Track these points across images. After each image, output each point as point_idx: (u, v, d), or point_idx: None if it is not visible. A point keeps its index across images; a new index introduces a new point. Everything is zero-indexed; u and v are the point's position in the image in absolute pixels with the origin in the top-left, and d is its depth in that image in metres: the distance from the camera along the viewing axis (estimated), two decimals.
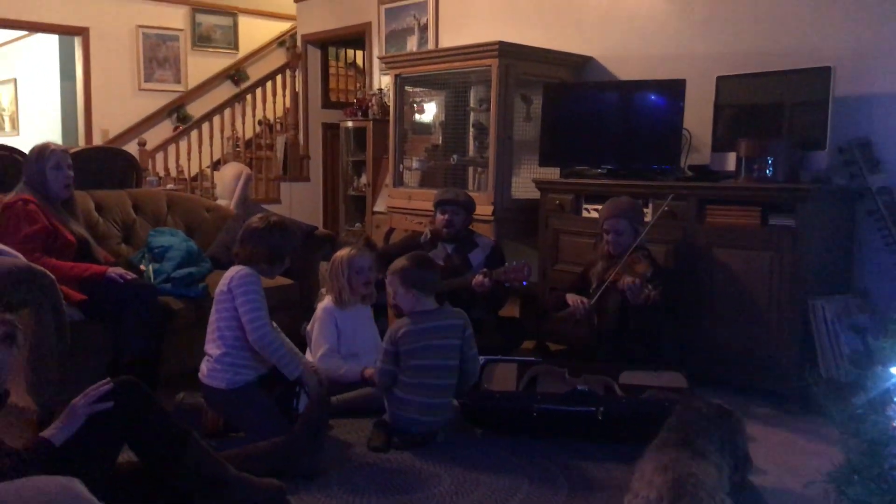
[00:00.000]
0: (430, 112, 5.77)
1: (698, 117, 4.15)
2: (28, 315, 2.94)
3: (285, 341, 3.09)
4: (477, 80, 4.98)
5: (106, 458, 2.16)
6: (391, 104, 5.52)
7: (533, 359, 3.55)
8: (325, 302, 3.41)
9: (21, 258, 3.07)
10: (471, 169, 5.18)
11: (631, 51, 4.73)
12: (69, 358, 3.08)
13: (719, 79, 4.05)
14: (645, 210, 3.94)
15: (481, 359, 3.39)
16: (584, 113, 4.49)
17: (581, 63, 4.92)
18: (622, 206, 3.72)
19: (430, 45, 6.02)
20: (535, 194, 4.54)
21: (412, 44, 6.26)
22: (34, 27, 8.08)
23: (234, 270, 2.96)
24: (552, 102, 4.55)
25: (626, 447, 2.77)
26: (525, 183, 4.75)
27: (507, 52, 4.54)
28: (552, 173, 4.65)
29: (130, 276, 3.36)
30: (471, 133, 5.22)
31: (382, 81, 6.63)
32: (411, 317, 2.98)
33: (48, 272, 3.00)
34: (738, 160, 3.75)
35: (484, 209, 4.48)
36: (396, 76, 5.33)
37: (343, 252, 3.43)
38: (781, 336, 3.48)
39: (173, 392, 3.16)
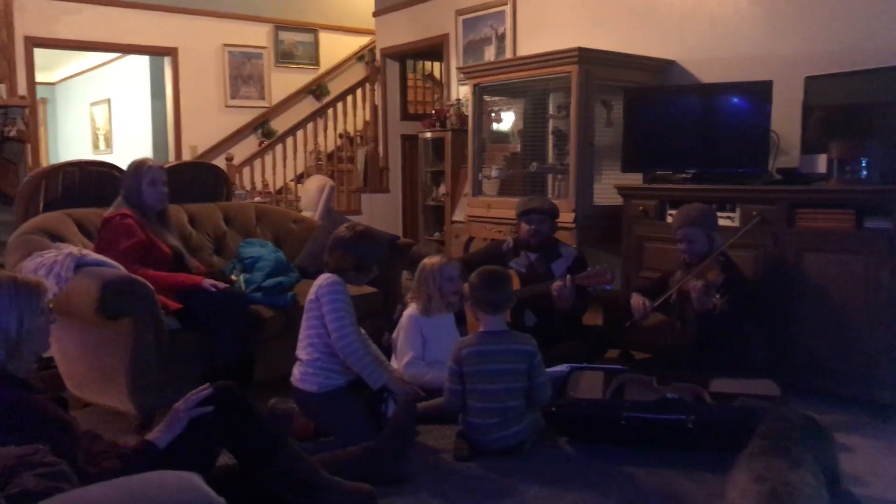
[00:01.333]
0: (508, 120, 5.78)
1: (786, 119, 4.04)
2: (128, 323, 3.08)
3: (372, 349, 3.14)
4: (556, 87, 4.98)
5: (205, 460, 2.23)
6: (470, 114, 5.56)
7: (620, 367, 3.50)
8: (410, 310, 3.45)
9: (122, 269, 3.22)
10: (550, 176, 5.16)
11: (714, 53, 4.65)
12: (166, 364, 3.20)
13: (808, 79, 3.94)
14: (732, 215, 3.86)
15: (565, 367, 3.38)
16: (666, 117, 4.43)
17: (662, 67, 4.86)
18: (693, 213, 3.65)
19: (508, 54, 6.04)
20: (618, 201, 4.50)
21: (490, 53, 6.30)
22: (126, 49, 8.45)
23: (323, 279, 3.02)
24: (634, 107, 4.50)
25: (717, 456, 2.71)
26: (606, 189, 4.71)
27: (587, 58, 4.52)
28: (635, 179, 4.60)
29: (223, 285, 3.47)
30: (550, 140, 5.21)
31: (460, 92, 6.69)
32: (478, 337, 2.98)
33: (147, 283, 3.14)
34: (830, 162, 3.63)
35: (565, 216, 4.46)
36: (475, 86, 5.37)
37: (432, 260, 3.46)
38: (878, 343, 3.35)
39: (265, 398, 3.24)
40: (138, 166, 3.57)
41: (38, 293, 2.04)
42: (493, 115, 5.72)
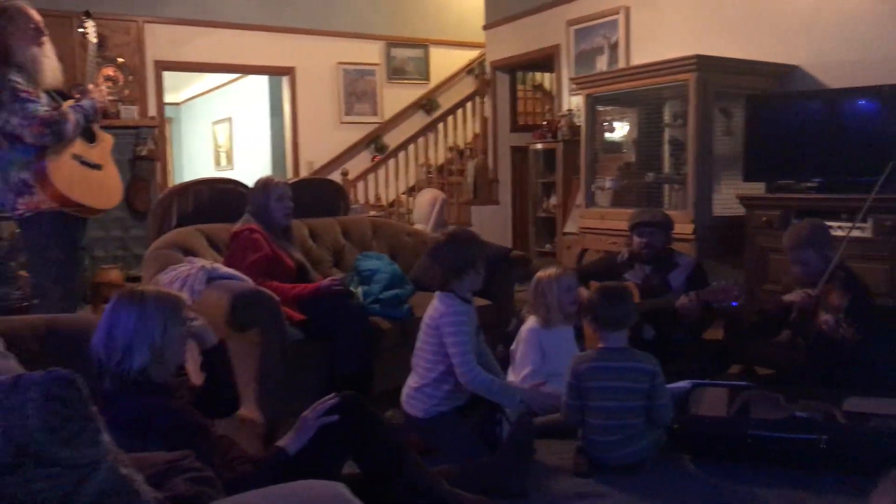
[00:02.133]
0: (621, 130, 5.71)
1: None
2: (256, 334, 3.20)
3: (492, 364, 3.15)
4: (671, 96, 4.88)
5: (331, 468, 2.29)
6: (582, 124, 5.52)
7: (745, 383, 3.38)
8: (530, 323, 3.44)
9: (249, 282, 3.36)
10: (666, 187, 5.06)
11: (840, 57, 4.45)
12: (291, 374, 3.31)
13: None
14: (863, 225, 3.67)
15: (687, 383, 3.29)
16: (790, 124, 4.28)
17: (785, 72, 4.69)
18: (804, 234, 3.48)
19: (621, 64, 5.97)
20: (739, 211, 4.36)
21: (602, 63, 6.24)
22: (247, 70, 8.82)
23: (441, 301, 2.99)
24: (756, 115, 4.36)
25: (851, 478, 2.58)
26: (726, 199, 4.58)
27: (705, 66, 4.41)
28: (757, 188, 4.45)
29: (340, 275, 3.56)
30: (666, 150, 5.11)
31: (572, 102, 6.65)
32: (598, 353, 2.93)
33: (273, 295, 3.26)
34: None
35: (683, 227, 4.36)
36: (588, 96, 5.33)
37: (548, 272, 3.44)
38: None
39: (382, 409, 3.30)
40: (266, 183, 3.72)
41: (179, 305, 2.15)
42: (605, 125, 5.66)
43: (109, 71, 7.28)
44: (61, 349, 2.43)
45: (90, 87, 3.65)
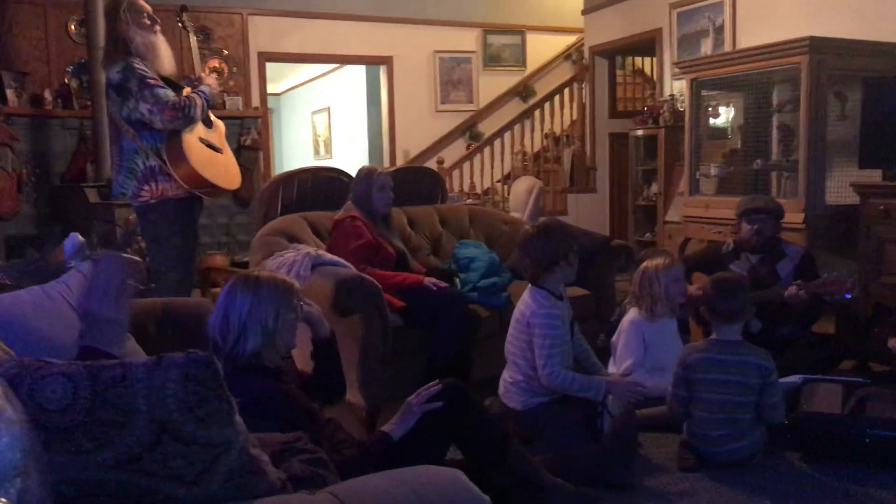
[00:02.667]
0: (726, 115, 5.53)
1: None
2: (358, 320, 3.26)
3: (589, 355, 3.12)
4: (781, 79, 4.69)
5: (434, 454, 2.31)
6: (686, 109, 5.37)
7: (861, 380, 3.23)
8: (632, 314, 3.38)
9: (352, 269, 3.42)
10: (774, 174, 4.87)
11: None
12: (392, 360, 3.36)
13: None
14: None
15: (798, 378, 3.17)
16: None
17: None
18: None
19: (727, 47, 5.77)
20: (853, 199, 4.16)
21: (706, 46, 6.05)
22: (346, 60, 8.96)
23: (533, 300, 2.96)
24: (874, 98, 4.14)
25: None
26: (839, 187, 4.37)
27: (819, 47, 4.21)
28: (873, 176, 4.23)
29: (443, 284, 3.59)
30: (774, 136, 4.92)
31: (674, 87, 6.48)
32: (709, 344, 2.85)
33: (375, 281, 3.31)
34: None
35: (793, 216, 4.19)
36: (692, 81, 5.18)
37: (654, 262, 3.36)
38: None
39: (481, 397, 3.31)
40: (369, 173, 3.77)
41: (291, 291, 2.21)
42: (709, 110, 5.49)
43: (215, 62, 7.52)
44: (176, 331, 2.54)
45: (202, 74, 3.77)
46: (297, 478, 1.38)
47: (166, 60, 3.59)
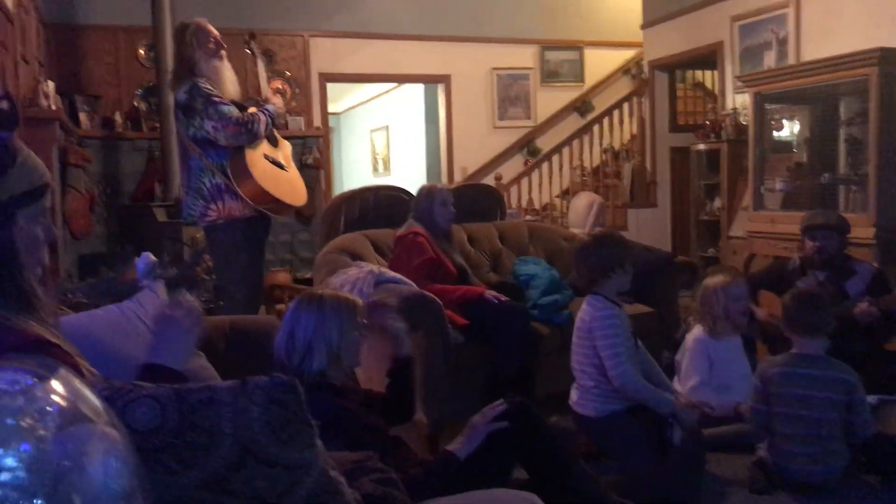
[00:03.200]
0: (791, 129, 5.42)
1: None
2: (420, 337, 3.27)
3: (655, 370, 3.07)
4: (849, 92, 4.58)
5: (500, 474, 2.30)
6: (749, 123, 5.28)
7: None
8: (696, 332, 3.32)
9: (414, 286, 3.44)
10: (843, 188, 4.75)
11: None
12: (454, 377, 3.36)
13: None
14: None
15: (873, 398, 3.07)
16: None
17: None
18: None
19: (791, 60, 5.66)
20: None
21: (769, 59, 5.94)
22: (404, 79, 9.06)
23: (590, 305, 2.96)
24: None
25: None
26: None
27: (890, 59, 4.11)
28: None
29: (504, 298, 3.58)
30: (842, 149, 4.80)
31: (736, 100, 6.38)
32: (789, 357, 2.78)
33: (437, 299, 3.32)
34: None
35: (863, 231, 4.08)
36: (755, 94, 5.09)
37: (716, 279, 3.31)
38: None
39: (546, 414, 3.29)
40: (430, 189, 3.81)
41: (355, 309, 2.23)
42: (773, 123, 5.39)
43: (278, 84, 7.67)
44: (244, 348, 2.58)
45: (269, 94, 3.85)
46: (370, 497, 1.39)
47: (230, 85, 3.67)
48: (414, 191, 4.12)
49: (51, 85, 5.03)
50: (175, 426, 0.85)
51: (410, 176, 9.90)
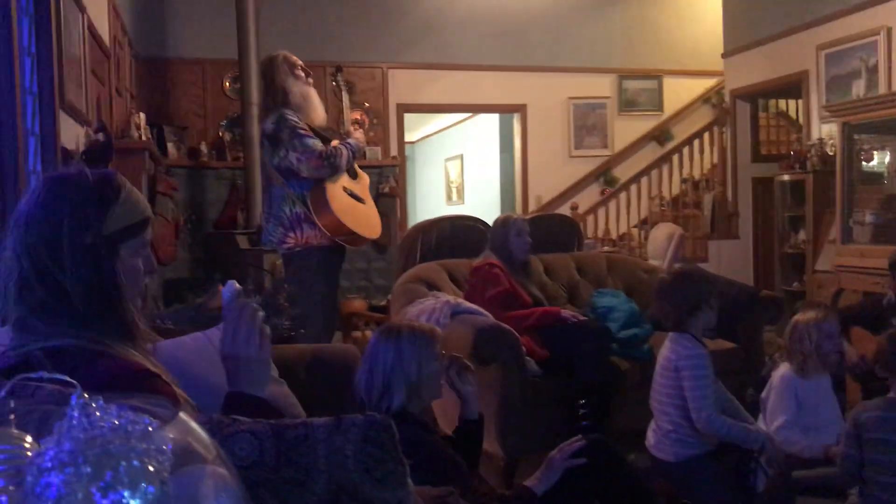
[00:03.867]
0: (881, 159, 5.23)
1: None
2: (497, 369, 3.26)
3: (735, 408, 2.98)
4: None
5: None
6: (837, 154, 5.12)
7: None
8: (784, 369, 3.21)
9: (490, 317, 3.43)
10: None
11: None
12: (530, 410, 3.33)
13: None
14: None
15: None
16: None
17: None
18: None
19: (882, 89, 5.48)
20: None
21: (858, 88, 5.76)
22: (481, 109, 9.13)
23: (676, 343, 2.88)
24: None
25: None
26: None
27: None
28: None
29: (581, 317, 3.54)
30: None
31: (822, 130, 6.20)
32: (885, 402, 2.65)
33: (513, 331, 3.30)
34: None
35: None
36: (844, 124, 4.94)
37: (807, 315, 3.18)
38: None
39: (622, 452, 3.21)
40: (505, 220, 3.81)
41: (433, 340, 2.23)
42: (862, 154, 5.22)
43: (356, 115, 7.81)
44: (325, 377, 2.60)
45: (351, 128, 3.94)
46: None
47: (319, 110, 3.79)
48: (489, 220, 4.13)
49: (142, 116, 5.25)
50: (272, 462, 0.86)
51: (484, 204, 9.92)
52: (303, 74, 3.76)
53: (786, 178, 6.53)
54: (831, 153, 5.83)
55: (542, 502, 2.20)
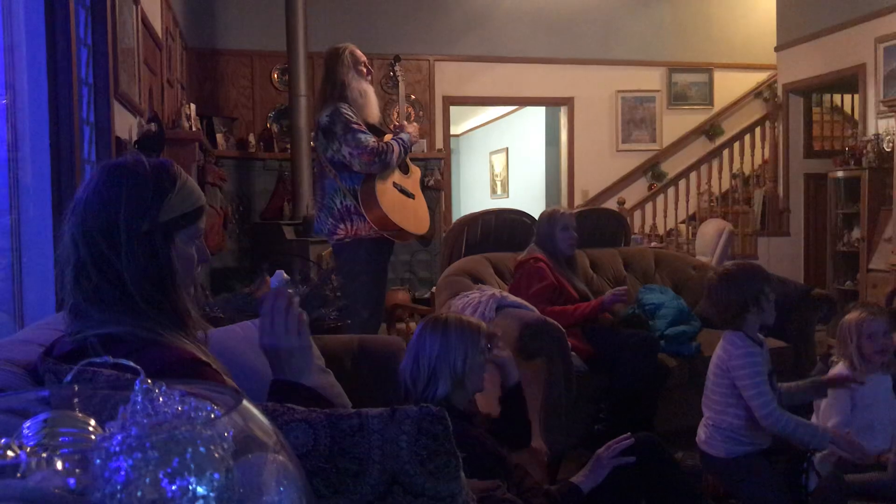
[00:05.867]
0: None
1: None
2: (542, 363, 3.24)
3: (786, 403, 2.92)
4: None
5: None
6: (895, 150, 4.97)
7: None
8: (838, 369, 3.13)
9: (535, 311, 3.41)
10: None
11: None
12: (575, 405, 3.30)
13: None
14: None
15: None
16: None
17: None
18: None
19: None
20: None
21: None
22: (527, 101, 9.06)
23: (730, 342, 2.83)
24: None
25: None
26: None
27: None
28: None
29: (623, 289, 3.52)
30: None
31: (879, 126, 6.03)
32: None
33: (559, 325, 3.28)
34: None
35: None
36: None
37: (853, 315, 3.11)
38: None
39: (670, 450, 3.17)
40: (552, 214, 3.78)
41: (479, 333, 2.22)
42: None
43: (405, 108, 7.84)
44: (371, 367, 2.62)
45: (405, 122, 3.96)
46: None
47: (375, 107, 3.82)
48: (534, 214, 4.10)
49: (192, 107, 5.32)
50: (326, 451, 0.86)
51: (529, 198, 9.88)
52: (364, 71, 3.79)
53: (840, 174, 6.37)
54: (888, 149, 5.68)
55: (588, 499, 2.18)
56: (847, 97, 7.51)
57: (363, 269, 3.70)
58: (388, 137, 3.74)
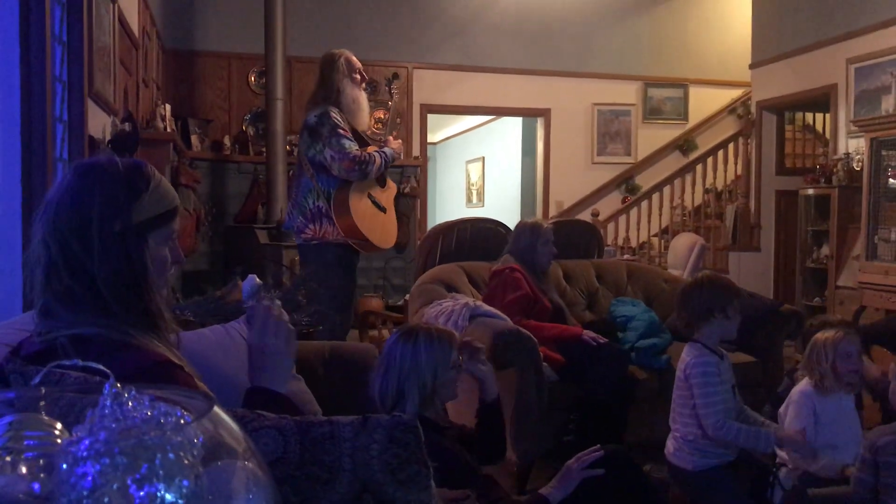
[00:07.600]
0: None
1: None
2: (513, 373, 3.24)
3: (752, 418, 2.95)
4: None
5: None
6: (864, 169, 5.06)
7: None
8: (803, 385, 3.16)
9: (508, 321, 3.41)
10: None
11: None
12: (545, 415, 3.31)
13: None
14: None
15: None
16: None
17: None
18: None
19: None
20: None
21: (888, 103, 5.69)
22: (504, 112, 9.10)
23: (687, 353, 2.86)
24: None
25: None
26: None
27: None
28: None
29: (603, 340, 3.52)
30: None
31: (849, 145, 6.13)
32: None
33: (532, 335, 3.28)
34: None
35: None
36: (872, 139, 4.89)
37: (826, 334, 3.15)
38: None
39: (638, 462, 3.19)
40: (535, 227, 3.79)
41: (451, 345, 2.21)
42: (889, 171, 5.15)
43: (380, 114, 7.84)
44: (343, 374, 2.60)
45: (391, 137, 3.99)
46: None
47: (365, 115, 3.87)
48: (509, 223, 4.12)
49: (167, 108, 5.27)
50: (296, 459, 0.85)
51: (504, 208, 9.91)
52: (359, 78, 3.82)
53: (810, 191, 6.46)
54: (858, 168, 5.77)
55: None
56: (819, 116, 7.63)
57: (330, 272, 3.69)
58: (371, 149, 3.76)
